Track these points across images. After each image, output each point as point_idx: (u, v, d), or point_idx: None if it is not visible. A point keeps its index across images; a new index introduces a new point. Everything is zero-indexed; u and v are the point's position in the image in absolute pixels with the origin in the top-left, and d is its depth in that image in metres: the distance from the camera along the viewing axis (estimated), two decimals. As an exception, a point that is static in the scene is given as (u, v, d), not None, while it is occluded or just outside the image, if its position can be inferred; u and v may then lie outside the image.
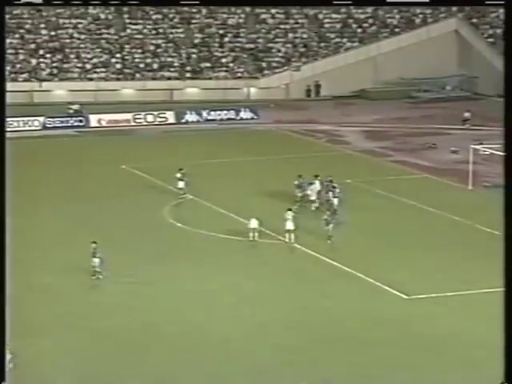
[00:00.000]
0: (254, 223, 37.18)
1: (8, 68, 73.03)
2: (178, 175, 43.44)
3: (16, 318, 28.95)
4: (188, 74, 75.67)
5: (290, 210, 37.47)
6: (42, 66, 74.32)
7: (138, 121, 64.92)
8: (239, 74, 76.34)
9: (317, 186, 41.62)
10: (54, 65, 74.56)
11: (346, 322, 29.36)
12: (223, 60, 77.24)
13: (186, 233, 38.91)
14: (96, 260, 33.18)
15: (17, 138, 59.48)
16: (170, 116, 65.77)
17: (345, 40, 79.69)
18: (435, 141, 58.64)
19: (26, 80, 72.68)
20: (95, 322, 29.16)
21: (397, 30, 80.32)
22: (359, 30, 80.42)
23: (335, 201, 41.31)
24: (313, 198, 41.40)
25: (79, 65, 74.94)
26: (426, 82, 76.44)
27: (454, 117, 65.21)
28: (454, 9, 79.79)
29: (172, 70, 75.87)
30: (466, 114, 64.17)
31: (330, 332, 28.53)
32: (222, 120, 66.29)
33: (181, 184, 43.29)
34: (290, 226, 36.88)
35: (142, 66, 75.83)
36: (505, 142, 19.52)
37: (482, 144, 50.54)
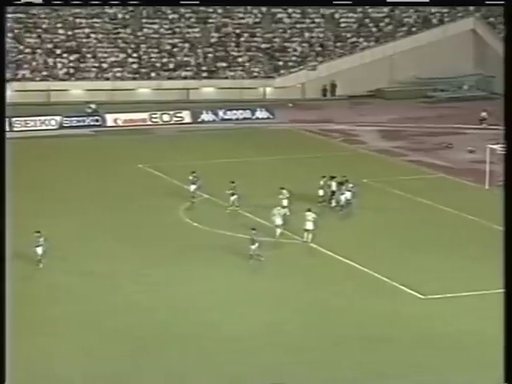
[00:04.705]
0: (278, 221, 37.24)
1: (25, 67, 73.51)
2: (191, 178, 43.29)
3: (30, 317, 29.17)
4: (204, 74, 75.78)
5: (309, 210, 37.45)
6: (59, 65, 74.61)
7: (154, 120, 65.09)
8: (255, 74, 76.40)
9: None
10: (71, 64, 74.85)
11: (360, 322, 29.34)
12: (239, 59, 77.30)
13: (202, 232, 38.97)
14: (39, 249, 33.56)
15: (34, 138, 59.84)
16: (186, 115, 65.89)
17: (361, 39, 79.59)
18: (451, 140, 58.50)
19: (43, 79, 72.99)
20: (109, 321, 29.22)
21: (413, 29, 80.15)
22: (375, 30, 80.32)
23: (353, 201, 41.45)
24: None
25: (96, 64, 75.19)
26: (443, 82, 76.23)
27: (470, 116, 65.02)
28: (471, 8, 79.54)
29: (188, 69, 76.00)
30: (483, 114, 63.98)
31: (344, 331, 28.52)
32: (237, 119, 66.35)
33: (193, 187, 43.09)
34: (309, 225, 36.89)
35: (158, 65, 76.01)
36: (505, 141, 19.53)
37: (498, 143, 50.36)
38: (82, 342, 27.54)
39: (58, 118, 63.31)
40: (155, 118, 65.19)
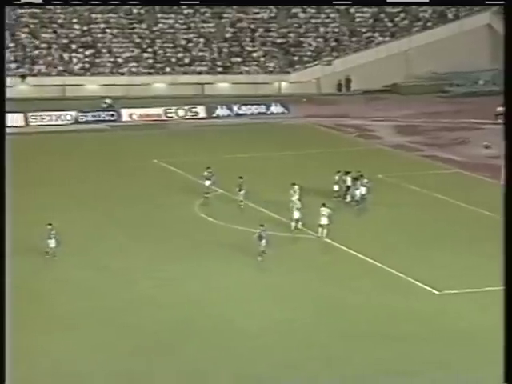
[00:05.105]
0: (296, 214, 37.54)
1: (41, 62, 73.73)
2: (205, 173, 43.27)
3: (46, 313, 29.24)
4: (219, 69, 75.79)
5: (324, 205, 37.39)
6: (75, 60, 74.80)
7: (169, 115, 65.17)
8: (270, 69, 76.34)
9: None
10: (87, 59, 75.02)
11: (375, 318, 29.27)
12: (254, 54, 77.25)
13: (217, 227, 38.97)
14: (51, 241, 33.74)
15: (49, 132, 60.04)
16: (201, 110, 65.93)
17: (376, 34, 79.38)
18: (467, 135, 58.33)
19: (58, 74, 73.21)
20: (123, 316, 29.18)
21: (429, 23, 79.86)
22: (391, 24, 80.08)
23: (368, 196, 41.40)
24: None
25: (111, 59, 75.33)
26: (459, 77, 75.97)
27: (486, 111, 64.71)
28: (488, 2, 79.04)
29: (203, 64, 76.03)
30: (499, 109, 63.54)
31: (359, 327, 28.46)
32: (252, 114, 66.34)
33: (207, 183, 43.06)
34: (324, 221, 36.86)
35: (173, 60, 76.07)
36: (506, 140, 19.54)
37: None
38: (96, 337, 27.53)
39: (74, 113, 63.47)
40: (170, 112, 65.26)
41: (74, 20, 77.19)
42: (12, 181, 44.85)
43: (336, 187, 42.60)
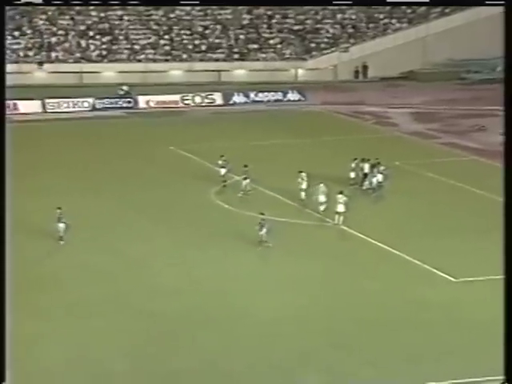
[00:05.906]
0: (322, 198, 37.65)
1: (58, 49, 73.92)
2: (220, 162, 43.27)
3: (64, 298, 29.43)
4: (236, 56, 75.73)
5: (341, 192, 37.40)
6: (92, 47, 74.94)
7: (186, 102, 65.23)
8: (287, 56, 76.22)
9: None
10: (104, 46, 75.14)
11: (393, 305, 29.30)
12: (271, 41, 77.14)
13: (233, 215, 39.04)
14: (61, 225, 33.92)
15: (66, 119, 60.29)
16: (218, 97, 65.97)
17: (394, 21, 79.07)
18: (485, 123, 58.05)
19: (75, 61, 73.39)
20: (142, 303, 29.28)
21: (447, 10, 79.47)
22: (408, 11, 79.73)
23: (385, 183, 41.37)
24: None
25: (128, 46, 75.42)
26: (476, 63, 75.60)
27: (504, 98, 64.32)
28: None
29: (220, 51, 76.00)
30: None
31: (376, 315, 28.49)
32: (269, 101, 66.32)
33: (223, 171, 43.11)
34: (340, 208, 36.88)
35: (190, 47, 76.08)
36: (505, 138, 19.54)
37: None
38: (114, 324, 27.70)
39: (91, 100, 63.64)
40: (187, 99, 65.32)
41: (91, 7, 77.25)
42: (29, 167, 45.22)
43: (352, 174, 42.59)
